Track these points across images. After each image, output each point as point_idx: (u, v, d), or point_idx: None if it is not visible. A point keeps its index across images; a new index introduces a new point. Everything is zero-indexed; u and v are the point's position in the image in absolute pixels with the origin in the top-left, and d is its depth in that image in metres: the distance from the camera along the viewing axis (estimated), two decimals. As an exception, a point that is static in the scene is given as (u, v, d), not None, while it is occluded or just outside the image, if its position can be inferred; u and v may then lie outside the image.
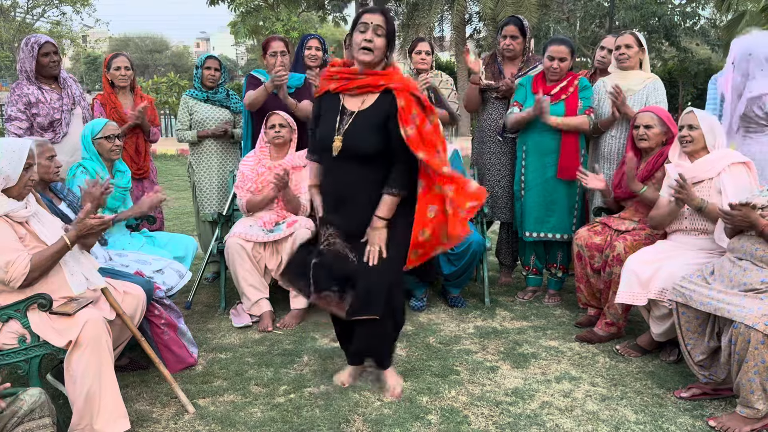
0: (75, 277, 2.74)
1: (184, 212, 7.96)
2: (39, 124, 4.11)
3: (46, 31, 22.13)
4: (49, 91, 4.18)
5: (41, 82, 4.16)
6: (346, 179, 2.89)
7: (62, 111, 4.16)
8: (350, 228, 2.93)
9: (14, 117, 4.08)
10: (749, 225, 2.87)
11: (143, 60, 42.26)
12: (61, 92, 4.22)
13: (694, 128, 3.39)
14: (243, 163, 4.31)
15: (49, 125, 4.13)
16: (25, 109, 4.08)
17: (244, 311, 4.07)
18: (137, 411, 2.93)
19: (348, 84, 2.85)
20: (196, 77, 4.82)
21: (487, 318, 4.17)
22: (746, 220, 2.85)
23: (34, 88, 4.12)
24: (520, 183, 4.40)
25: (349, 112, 2.85)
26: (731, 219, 2.90)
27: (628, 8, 19.98)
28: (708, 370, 2.98)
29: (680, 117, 3.48)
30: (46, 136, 4.08)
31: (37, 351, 2.61)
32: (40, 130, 4.12)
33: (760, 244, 2.86)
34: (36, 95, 4.10)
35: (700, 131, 3.38)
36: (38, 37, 4.17)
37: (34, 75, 4.12)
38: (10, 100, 4.11)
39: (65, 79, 4.29)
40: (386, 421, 2.83)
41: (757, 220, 2.83)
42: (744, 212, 2.84)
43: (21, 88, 4.12)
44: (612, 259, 3.63)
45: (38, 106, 4.09)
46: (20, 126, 4.08)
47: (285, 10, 18.82)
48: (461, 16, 18.17)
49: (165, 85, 17.12)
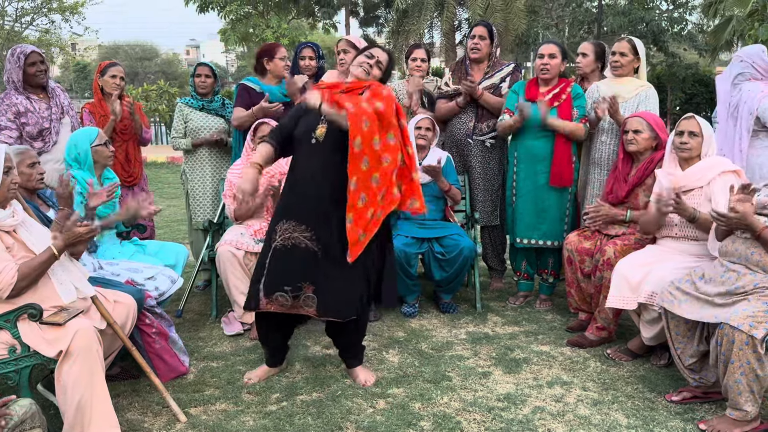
0: (64, 286, 2.72)
1: (174, 220, 7.93)
2: (28, 133, 4.10)
3: (35, 39, 21.99)
4: (38, 100, 4.17)
5: (29, 92, 4.15)
6: (321, 165, 3.03)
7: (51, 120, 4.16)
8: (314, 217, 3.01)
9: (4, 126, 4.06)
10: (746, 227, 2.83)
11: (133, 68, 42.11)
12: (49, 102, 4.21)
13: (695, 136, 3.38)
14: (231, 171, 4.29)
15: (38, 134, 4.12)
16: (15, 119, 4.07)
17: (235, 319, 4.06)
18: (129, 420, 2.92)
19: (335, 88, 3.03)
20: (192, 85, 4.83)
21: (479, 324, 4.18)
22: (743, 222, 2.80)
23: (22, 98, 4.11)
24: (511, 189, 4.43)
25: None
26: (726, 221, 2.85)
27: (616, 14, 20.16)
28: (698, 374, 3.00)
29: (678, 122, 3.48)
30: (35, 145, 4.08)
31: (28, 361, 2.59)
32: (29, 140, 4.11)
33: (756, 248, 2.84)
34: (25, 105, 4.09)
35: (700, 139, 3.39)
36: (24, 47, 4.16)
37: (21, 85, 4.12)
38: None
39: (53, 89, 4.29)
40: (379, 428, 2.83)
41: (754, 222, 2.77)
42: (741, 213, 2.77)
43: (9, 98, 4.11)
44: (602, 264, 3.65)
45: (27, 116, 4.08)
46: (10, 135, 4.06)
47: (275, 18, 18.83)
48: (451, 23, 18.25)
49: (155, 93, 17.07)
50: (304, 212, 3.02)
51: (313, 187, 3.02)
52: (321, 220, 3.01)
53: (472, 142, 4.65)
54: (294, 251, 3.01)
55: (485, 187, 4.72)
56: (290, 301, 3.03)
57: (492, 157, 4.70)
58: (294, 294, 3.02)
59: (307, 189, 3.04)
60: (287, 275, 3.02)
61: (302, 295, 3.02)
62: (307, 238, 3.00)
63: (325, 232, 3.01)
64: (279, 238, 3.03)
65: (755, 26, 8.46)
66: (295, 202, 3.07)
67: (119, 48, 44.74)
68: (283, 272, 3.02)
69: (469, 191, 4.75)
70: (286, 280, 3.02)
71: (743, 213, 2.77)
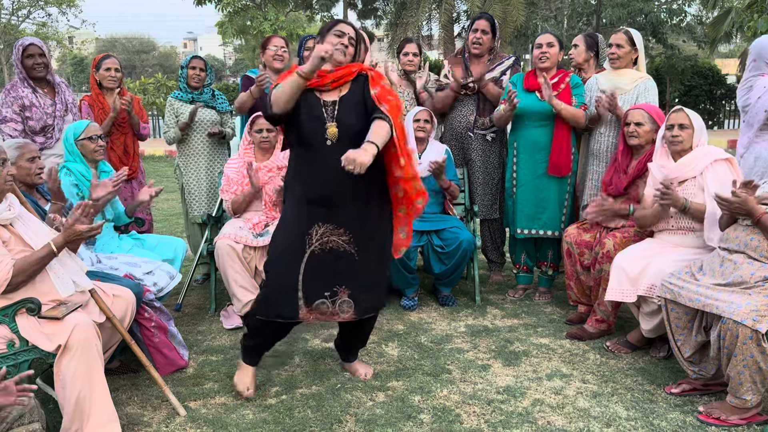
0: (61, 280, 2.71)
1: (173, 214, 7.92)
2: (30, 128, 4.10)
3: (31, 32, 21.93)
4: (43, 95, 4.17)
5: (35, 86, 4.16)
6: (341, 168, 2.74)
7: (54, 117, 4.16)
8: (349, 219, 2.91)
9: (9, 119, 4.06)
10: (746, 213, 2.85)
11: (130, 61, 42.05)
12: (54, 97, 4.21)
13: (686, 128, 3.39)
14: (228, 166, 4.28)
15: (40, 130, 4.12)
16: (20, 111, 4.07)
17: (234, 313, 4.06)
18: (128, 414, 2.92)
19: (322, 80, 2.91)
20: (182, 78, 4.78)
21: (478, 316, 4.18)
22: (743, 208, 2.83)
23: (28, 91, 4.12)
24: (512, 180, 4.42)
25: (330, 101, 2.91)
26: (728, 205, 2.88)
27: (615, 6, 20.10)
28: (698, 366, 3.00)
29: (668, 115, 3.49)
30: (36, 140, 4.08)
31: (26, 356, 2.58)
32: (31, 134, 4.10)
33: (756, 234, 2.86)
34: (30, 99, 4.10)
35: (691, 131, 3.39)
36: (25, 39, 4.17)
37: (24, 77, 4.12)
38: (5, 102, 4.11)
39: (59, 84, 4.28)
40: (378, 421, 2.83)
41: (754, 207, 2.81)
42: (742, 198, 2.81)
43: (16, 90, 4.12)
44: (601, 257, 3.65)
45: (31, 110, 4.09)
46: (15, 128, 4.07)
47: (272, 10, 18.72)
48: (449, 15, 18.16)
49: (152, 86, 17.04)
50: (340, 215, 2.90)
51: (346, 188, 2.86)
52: (357, 222, 2.92)
53: (472, 135, 4.64)
54: (331, 255, 2.91)
55: (485, 181, 4.72)
56: (330, 307, 2.94)
57: (492, 151, 4.69)
58: (332, 299, 2.94)
59: (337, 191, 2.88)
60: (326, 281, 2.92)
61: (338, 300, 2.94)
62: (345, 241, 2.91)
63: (362, 232, 2.93)
64: (316, 243, 2.90)
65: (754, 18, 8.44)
66: (327, 204, 2.90)
67: (116, 41, 44.66)
68: (322, 278, 2.92)
69: (468, 184, 4.74)
70: (325, 286, 2.93)
71: (744, 198, 2.82)
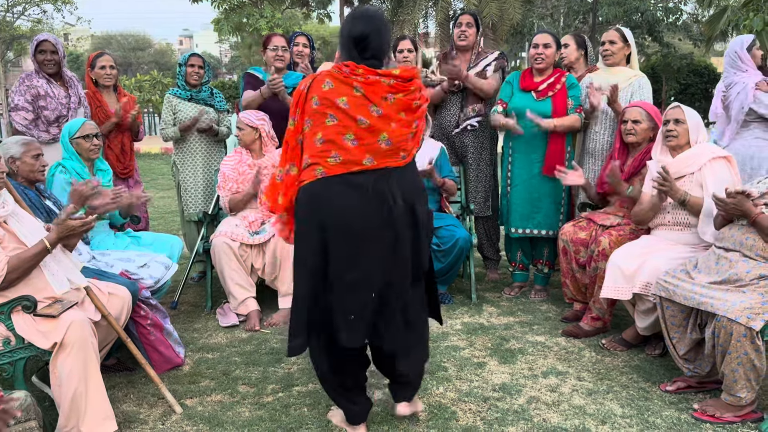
0: (56, 277, 2.71)
1: (168, 211, 7.91)
2: (46, 117, 4.14)
3: (27, 29, 21.82)
4: (57, 87, 4.22)
5: (49, 77, 4.21)
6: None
7: (69, 108, 4.20)
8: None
9: (21, 107, 4.09)
10: (741, 213, 2.89)
11: (126, 58, 41.90)
12: (68, 90, 4.24)
13: (681, 123, 3.41)
14: (224, 163, 4.29)
15: (55, 120, 4.16)
16: (33, 101, 4.11)
17: (230, 311, 4.06)
18: (124, 412, 2.91)
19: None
20: (180, 75, 4.78)
21: (474, 314, 4.19)
22: (739, 208, 2.87)
23: (43, 81, 4.16)
24: (506, 179, 4.42)
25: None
26: (724, 206, 2.92)
27: (611, 4, 20.12)
28: (693, 364, 3.01)
29: (665, 111, 3.51)
30: (51, 131, 4.14)
31: (22, 353, 2.59)
32: (46, 124, 4.13)
33: (751, 233, 2.88)
34: (45, 88, 4.15)
35: (686, 126, 3.41)
36: (40, 36, 4.26)
37: (38, 69, 4.20)
38: (18, 90, 4.15)
39: (71, 78, 4.33)
40: (375, 418, 2.83)
41: (750, 208, 2.85)
42: (738, 199, 2.85)
43: (30, 80, 4.18)
44: (597, 254, 3.66)
45: (46, 100, 4.14)
46: (26, 117, 4.10)
47: (269, 7, 18.69)
48: (446, 13, 18.14)
49: (148, 83, 17.02)
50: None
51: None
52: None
53: (459, 129, 4.67)
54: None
55: (477, 178, 4.74)
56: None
57: (483, 148, 4.70)
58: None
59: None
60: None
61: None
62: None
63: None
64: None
65: (750, 16, 8.44)
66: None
67: (112, 38, 44.49)
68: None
69: (464, 182, 4.75)
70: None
71: (740, 199, 2.86)
